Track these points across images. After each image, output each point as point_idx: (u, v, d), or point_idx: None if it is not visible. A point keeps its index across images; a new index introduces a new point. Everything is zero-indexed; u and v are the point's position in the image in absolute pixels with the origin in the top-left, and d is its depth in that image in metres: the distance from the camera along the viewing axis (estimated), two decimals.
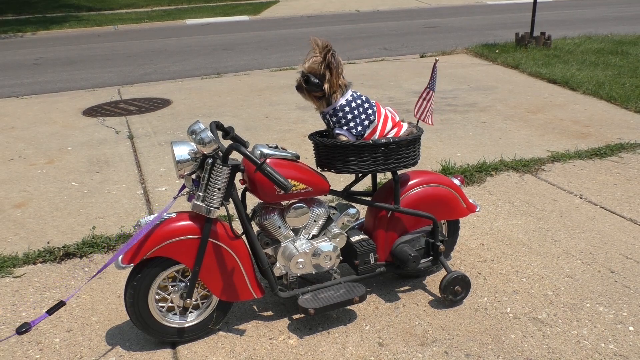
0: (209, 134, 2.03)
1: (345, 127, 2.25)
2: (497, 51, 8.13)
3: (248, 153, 2.00)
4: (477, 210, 2.64)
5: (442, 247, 2.50)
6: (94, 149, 4.72)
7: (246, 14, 15.93)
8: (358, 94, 2.31)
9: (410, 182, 2.50)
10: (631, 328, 2.27)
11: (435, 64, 2.43)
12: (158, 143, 4.77)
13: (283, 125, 5.13)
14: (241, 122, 5.31)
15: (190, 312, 2.27)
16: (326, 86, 2.20)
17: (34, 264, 2.91)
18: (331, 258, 2.32)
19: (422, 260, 2.56)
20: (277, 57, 9.06)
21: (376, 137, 2.30)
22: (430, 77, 2.44)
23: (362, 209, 2.86)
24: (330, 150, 2.28)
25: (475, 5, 16.71)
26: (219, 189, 2.09)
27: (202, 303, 2.28)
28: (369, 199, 2.52)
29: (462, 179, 2.66)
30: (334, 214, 2.41)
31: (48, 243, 3.11)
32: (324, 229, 2.37)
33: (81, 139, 5.02)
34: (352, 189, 2.49)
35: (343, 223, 2.40)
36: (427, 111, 2.47)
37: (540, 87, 6.29)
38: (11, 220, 3.45)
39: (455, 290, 2.41)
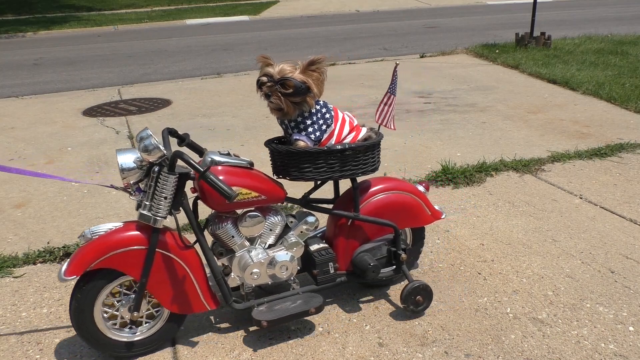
0: (153, 141, 1.95)
1: (303, 132, 2.20)
2: (497, 51, 8.13)
3: (191, 161, 1.92)
4: (442, 217, 2.57)
5: (403, 255, 2.42)
6: (94, 149, 4.72)
7: (246, 14, 15.93)
8: (316, 98, 2.24)
9: (372, 189, 2.43)
10: (631, 328, 2.27)
11: (395, 67, 2.37)
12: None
13: None
14: (241, 122, 5.31)
15: (147, 322, 2.20)
16: (315, 91, 2.14)
17: (34, 264, 2.91)
18: (288, 268, 2.25)
19: (385, 270, 2.49)
20: (277, 57, 9.00)
21: (333, 142, 2.24)
22: (391, 81, 2.39)
23: (324, 217, 2.80)
24: (284, 157, 2.21)
25: (475, 5, 16.71)
26: (166, 198, 2.01)
27: (157, 312, 2.21)
28: (330, 206, 2.46)
29: (427, 185, 2.62)
30: (291, 222, 2.34)
31: (48, 243, 3.11)
32: (281, 238, 2.30)
33: (81, 139, 5.02)
34: (313, 196, 2.43)
35: (301, 232, 2.34)
36: (389, 116, 2.41)
37: (540, 87, 6.29)
38: (11, 220, 3.45)
39: (416, 301, 2.35)
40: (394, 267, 2.49)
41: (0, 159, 4.59)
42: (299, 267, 2.32)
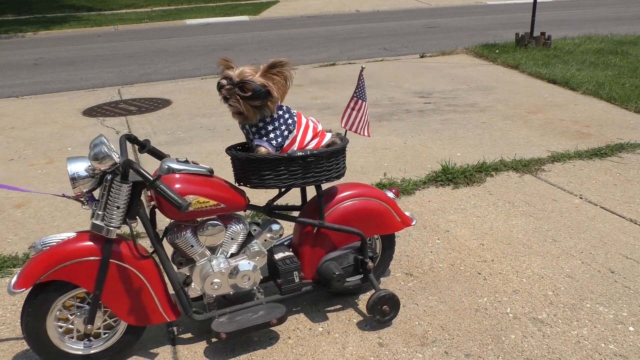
0: (104, 149, 1.89)
1: (265, 138, 2.14)
2: (497, 51, 8.13)
3: (140, 170, 1.86)
4: (412, 223, 2.52)
5: (370, 264, 2.37)
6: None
7: (246, 14, 15.93)
8: (279, 103, 2.19)
9: (339, 196, 2.37)
10: (631, 328, 2.27)
11: (361, 71, 2.30)
12: (158, 143, 4.77)
13: None
14: None
15: (105, 333, 2.14)
16: (275, 93, 2.08)
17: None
18: (250, 278, 2.20)
19: (352, 278, 2.43)
20: (277, 57, 9.04)
21: (295, 148, 2.19)
22: (357, 86, 2.32)
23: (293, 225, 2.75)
24: (244, 164, 2.15)
25: (475, 5, 16.71)
26: (118, 208, 1.95)
27: (114, 323, 2.15)
28: (297, 213, 2.42)
29: (396, 191, 2.57)
30: (255, 230, 2.29)
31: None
32: (244, 246, 2.25)
33: (81, 139, 5.02)
34: (280, 203, 2.35)
35: (265, 240, 2.28)
36: (360, 122, 2.35)
37: (540, 87, 6.29)
38: (11, 220, 3.45)
39: (383, 310, 2.29)
40: (362, 275, 2.44)
41: (0, 158, 4.59)
42: (262, 277, 2.26)
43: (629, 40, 8.70)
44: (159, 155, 2.24)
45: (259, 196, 3.37)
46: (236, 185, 2.24)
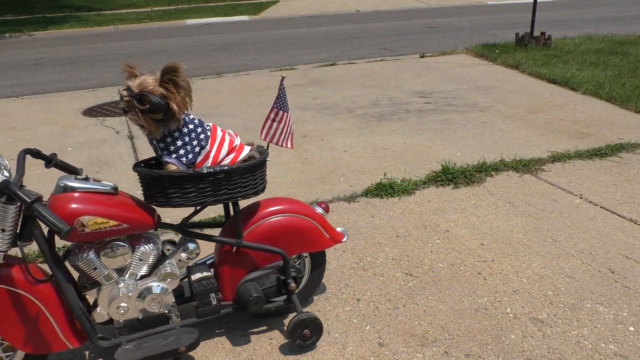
0: None
1: (174, 155, 2.00)
2: (497, 51, 8.13)
3: (17, 192, 1.72)
4: (343, 240, 2.39)
5: (293, 285, 2.24)
6: (94, 149, 4.72)
7: (246, 14, 15.93)
8: (191, 117, 2.07)
9: (262, 212, 2.25)
10: (631, 328, 2.27)
11: (281, 81, 2.21)
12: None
13: None
14: (241, 122, 5.31)
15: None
16: (175, 107, 1.93)
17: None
18: (159, 301, 2.07)
19: (277, 299, 2.30)
20: (277, 57, 9.06)
21: (209, 164, 2.07)
22: (277, 97, 2.22)
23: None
24: (148, 182, 2.02)
25: (475, 5, 16.71)
26: (4, 231, 1.80)
27: (7, 357, 2.02)
28: (219, 230, 2.27)
29: (326, 207, 2.45)
30: (169, 250, 2.15)
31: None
32: (156, 267, 2.11)
33: (81, 139, 5.02)
34: (205, 219, 2.24)
35: (180, 260, 2.15)
36: (282, 133, 2.26)
37: (540, 87, 6.29)
38: None
39: (304, 334, 2.18)
40: (286, 296, 2.30)
41: None
42: (173, 300, 2.11)
43: (629, 40, 8.69)
44: (69, 170, 2.10)
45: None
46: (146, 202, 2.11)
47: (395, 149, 4.42)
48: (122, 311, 2.04)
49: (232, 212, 2.23)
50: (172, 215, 3.38)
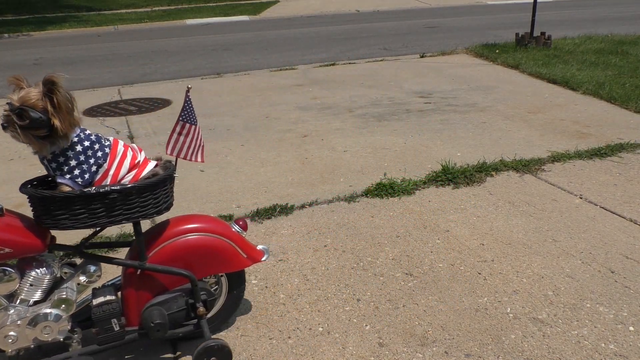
0: None
1: (68, 176, 1.84)
2: (497, 51, 8.13)
3: None
4: (262, 259, 2.25)
5: (201, 309, 2.10)
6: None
7: (246, 14, 15.93)
8: (87, 132, 1.93)
9: (169, 232, 2.11)
10: (631, 328, 2.27)
11: (187, 92, 2.09)
12: (158, 143, 4.77)
13: (283, 125, 5.13)
14: (241, 122, 5.31)
15: None
16: (57, 123, 1.76)
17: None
18: (52, 329, 1.90)
19: (188, 322, 2.17)
20: (277, 57, 9.06)
21: (108, 182, 1.93)
22: (182, 109, 2.10)
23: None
24: (34, 203, 1.85)
25: (475, 5, 16.71)
26: None
27: None
28: (123, 251, 2.17)
29: (244, 224, 2.28)
30: (66, 273, 2.02)
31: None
32: (52, 291, 1.96)
33: None
34: (115, 237, 2.12)
35: (79, 284, 2.00)
36: (190, 147, 2.16)
37: (540, 87, 6.29)
38: None
39: None
40: (196, 321, 2.17)
41: (0, 158, 4.59)
42: (68, 326, 1.96)
43: (629, 40, 8.69)
44: None
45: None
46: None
47: (395, 149, 4.42)
48: (11, 340, 1.88)
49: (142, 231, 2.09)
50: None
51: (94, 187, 1.85)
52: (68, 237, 2.87)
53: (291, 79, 7.23)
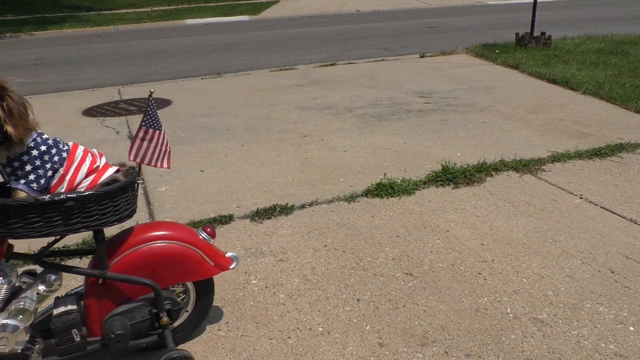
0: None
1: (23, 181, 1.80)
2: (497, 51, 8.13)
3: None
4: (231, 266, 2.18)
5: (165, 319, 2.04)
6: (94, 149, 4.71)
7: (246, 14, 15.93)
8: (44, 137, 1.87)
9: (132, 240, 2.05)
10: (631, 328, 2.27)
11: (149, 97, 2.04)
12: None
13: (283, 125, 5.13)
14: (241, 122, 5.31)
15: None
16: (10, 129, 1.71)
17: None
18: (8, 340, 1.83)
19: (153, 332, 2.11)
20: (277, 57, 9.06)
21: (64, 188, 1.88)
22: (145, 114, 2.05)
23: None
24: None
25: (475, 5, 16.71)
26: None
27: None
28: (89, 258, 2.12)
29: (212, 231, 2.21)
30: (25, 282, 1.97)
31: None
32: (10, 302, 1.90)
33: (81, 139, 5.01)
34: (77, 243, 2.11)
35: (38, 293, 1.94)
36: (155, 153, 2.11)
37: (541, 87, 6.29)
38: None
39: None
40: (161, 331, 2.10)
41: None
42: (26, 337, 1.88)
43: (629, 40, 8.69)
44: None
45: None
46: None
47: (395, 149, 4.42)
48: None
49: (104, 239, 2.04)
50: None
51: (49, 195, 1.80)
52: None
53: (291, 79, 7.23)
